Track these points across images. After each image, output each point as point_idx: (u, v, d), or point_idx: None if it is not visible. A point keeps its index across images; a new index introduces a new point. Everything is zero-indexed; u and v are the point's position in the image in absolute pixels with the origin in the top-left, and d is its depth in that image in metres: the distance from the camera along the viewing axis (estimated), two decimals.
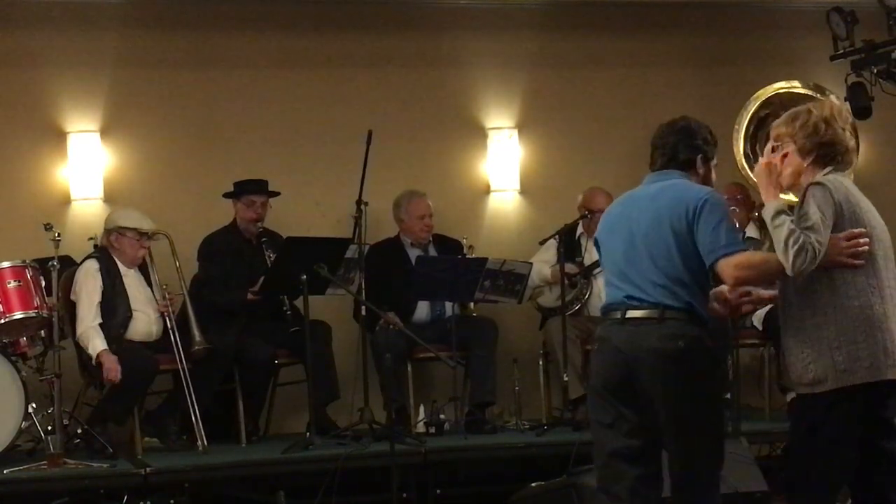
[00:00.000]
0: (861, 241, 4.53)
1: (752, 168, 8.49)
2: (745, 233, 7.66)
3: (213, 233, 8.10)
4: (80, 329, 7.29)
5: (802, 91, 8.75)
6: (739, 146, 8.01)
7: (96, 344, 7.21)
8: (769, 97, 8.74)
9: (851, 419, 4.57)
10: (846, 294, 4.54)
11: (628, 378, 4.74)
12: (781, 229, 4.47)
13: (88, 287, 7.33)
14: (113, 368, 7.11)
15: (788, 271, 4.46)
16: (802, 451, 4.71)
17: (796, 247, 4.42)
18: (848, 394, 4.54)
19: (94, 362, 7.20)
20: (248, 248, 8.04)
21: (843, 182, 4.63)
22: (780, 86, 8.77)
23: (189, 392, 7.17)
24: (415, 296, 7.97)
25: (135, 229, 7.47)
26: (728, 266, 4.60)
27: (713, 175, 4.92)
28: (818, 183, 4.58)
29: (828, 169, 4.67)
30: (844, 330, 4.52)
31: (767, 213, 4.57)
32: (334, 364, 7.89)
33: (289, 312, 7.80)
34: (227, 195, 8.09)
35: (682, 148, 4.87)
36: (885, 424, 4.65)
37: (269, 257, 7.88)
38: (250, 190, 8.03)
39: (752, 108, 8.68)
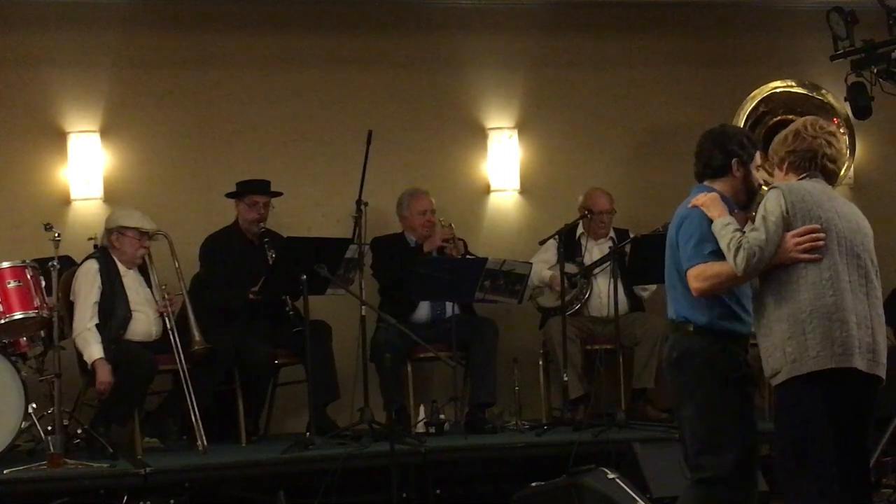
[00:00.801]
0: (815, 236, 4.71)
1: None
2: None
3: (215, 233, 8.10)
4: (76, 330, 7.29)
5: (799, 90, 8.79)
6: None
7: (92, 351, 7.22)
8: (766, 96, 8.78)
9: (809, 410, 4.69)
10: (798, 288, 4.73)
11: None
12: (724, 238, 4.77)
13: (86, 288, 7.33)
14: (104, 381, 7.15)
15: (737, 272, 4.72)
16: (778, 447, 4.85)
17: (734, 248, 4.71)
18: (804, 384, 4.69)
19: (88, 367, 7.22)
20: (250, 249, 8.03)
21: (803, 186, 4.83)
22: (776, 85, 8.81)
23: (189, 392, 7.17)
24: (415, 296, 7.97)
25: (136, 229, 7.47)
26: (690, 279, 4.88)
27: (755, 177, 5.06)
28: (773, 187, 4.85)
29: (802, 175, 4.89)
30: (795, 321, 4.71)
31: (716, 229, 4.82)
32: (334, 364, 7.88)
33: (291, 313, 7.81)
34: (229, 195, 8.09)
35: (717, 154, 5.03)
36: (859, 416, 4.77)
37: (271, 257, 7.88)
38: (253, 190, 8.03)
39: (749, 107, 8.73)
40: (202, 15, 8.63)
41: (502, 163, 9.03)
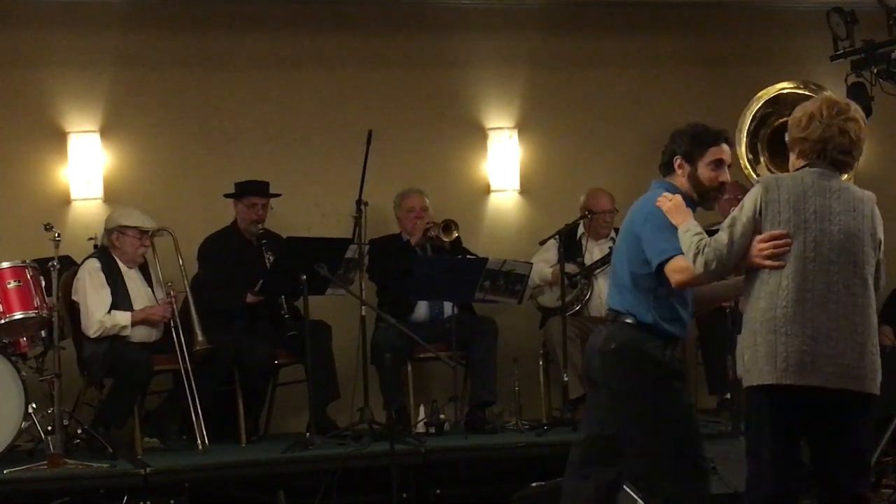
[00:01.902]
0: (778, 242, 4.56)
1: (754, 167, 8.53)
2: None
3: (213, 233, 8.10)
4: (92, 325, 7.27)
5: (805, 91, 8.78)
6: (742, 145, 8.03)
7: (124, 318, 7.26)
8: (773, 97, 8.77)
9: (757, 420, 4.63)
10: (758, 295, 4.62)
11: (588, 373, 5.16)
12: (684, 244, 4.68)
13: (94, 284, 7.32)
14: (157, 312, 7.29)
15: (698, 273, 4.63)
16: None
17: (693, 252, 4.63)
18: (754, 394, 4.62)
19: (130, 331, 7.27)
20: (249, 249, 8.03)
21: (788, 180, 4.64)
22: (783, 86, 8.79)
23: (190, 392, 7.17)
24: (414, 296, 7.97)
25: (136, 228, 7.47)
26: (668, 271, 4.78)
27: (707, 176, 4.93)
28: (759, 180, 4.75)
29: (804, 164, 4.68)
30: (750, 331, 4.62)
31: (679, 234, 4.73)
32: (334, 364, 7.89)
33: (286, 316, 7.80)
34: (228, 196, 8.09)
35: (666, 151, 5.05)
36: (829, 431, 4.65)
37: (269, 259, 7.86)
38: (252, 191, 8.03)
39: (755, 107, 8.70)
40: (202, 15, 8.64)
41: (502, 163, 9.03)
